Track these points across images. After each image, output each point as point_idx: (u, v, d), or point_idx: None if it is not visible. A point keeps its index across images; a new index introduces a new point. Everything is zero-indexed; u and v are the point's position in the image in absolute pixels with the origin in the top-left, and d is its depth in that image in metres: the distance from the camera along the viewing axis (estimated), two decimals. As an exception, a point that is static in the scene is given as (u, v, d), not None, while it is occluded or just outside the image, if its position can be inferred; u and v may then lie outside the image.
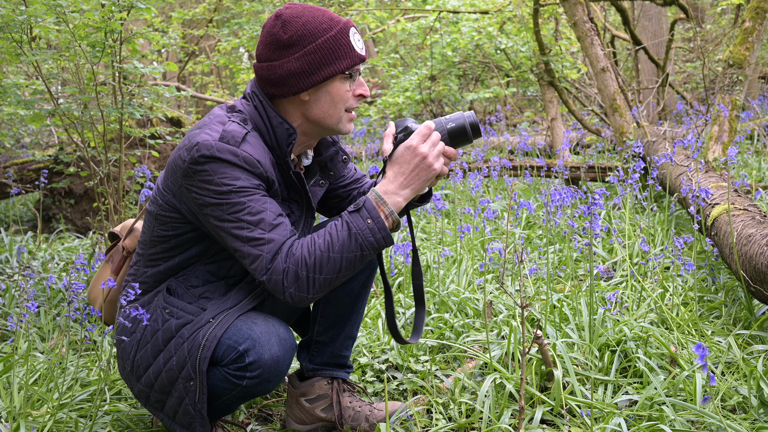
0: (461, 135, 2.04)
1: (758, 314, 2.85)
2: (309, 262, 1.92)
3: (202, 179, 1.93)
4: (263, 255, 1.92)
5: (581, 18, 6.12)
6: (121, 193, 4.38)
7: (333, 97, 2.04)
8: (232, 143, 1.93)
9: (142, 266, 2.16)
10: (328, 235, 1.94)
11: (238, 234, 1.93)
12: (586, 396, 2.39)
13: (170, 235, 2.09)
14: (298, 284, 1.92)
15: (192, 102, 14.27)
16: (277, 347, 1.99)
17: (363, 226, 1.94)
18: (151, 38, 4.23)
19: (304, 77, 1.99)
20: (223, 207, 1.93)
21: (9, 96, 4.36)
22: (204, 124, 2.01)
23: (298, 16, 1.99)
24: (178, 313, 2.06)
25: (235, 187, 1.92)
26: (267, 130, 2.03)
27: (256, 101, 2.05)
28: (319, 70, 1.99)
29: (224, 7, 9.94)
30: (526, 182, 6.23)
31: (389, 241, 1.96)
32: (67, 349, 2.79)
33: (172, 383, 2.04)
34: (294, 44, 1.98)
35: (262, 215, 1.93)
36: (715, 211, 3.30)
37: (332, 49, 1.99)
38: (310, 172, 2.23)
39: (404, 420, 2.38)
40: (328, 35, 1.99)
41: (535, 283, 3.60)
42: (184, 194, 2.00)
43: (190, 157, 1.93)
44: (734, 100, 5.18)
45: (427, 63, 10.77)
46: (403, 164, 1.99)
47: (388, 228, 1.97)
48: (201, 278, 2.10)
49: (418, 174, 1.99)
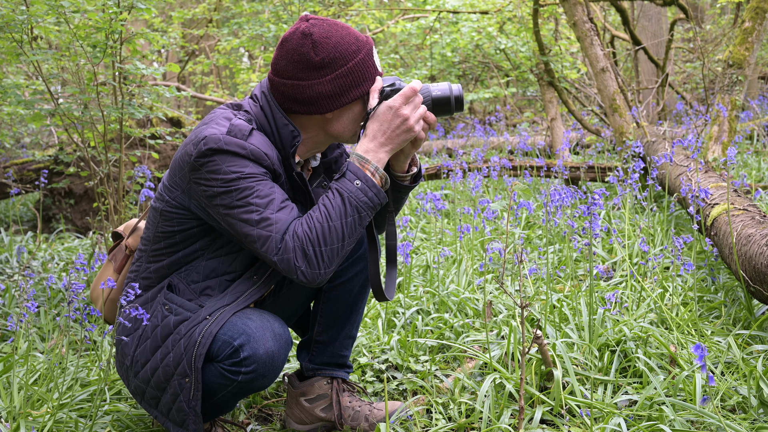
0: (444, 105, 2.08)
1: (758, 314, 2.85)
2: (311, 236, 1.94)
3: (209, 170, 1.95)
4: (272, 235, 1.94)
5: (581, 18, 6.12)
6: (121, 193, 4.38)
7: (355, 115, 2.08)
8: (239, 136, 1.96)
9: (145, 262, 2.17)
10: (323, 207, 1.97)
11: (248, 218, 1.94)
12: (585, 396, 2.39)
13: (175, 230, 2.10)
14: (308, 261, 1.94)
15: (192, 102, 14.28)
16: (272, 342, 2.00)
17: (353, 188, 1.97)
18: (151, 38, 4.23)
19: (334, 99, 2.02)
20: (231, 194, 1.95)
21: (9, 96, 4.36)
22: (210, 120, 2.03)
23: (327, 37, 2.00)
24: (177, 309, 2.07)
25: (243, 174, 1.94)
26: (272, 130, 2.05)
27: (264, 102, 2.07)
28: (349, 92, 2.03)
29: (224, 7, 9.94)
30: (525, 182, 6.23)
31: (381, 196, 2.00)
32: (67, 349, 2.80)
33: (168, 380, 2.05)
34: (326, 66, 2.00)
35: (270, 197, 1.96)
36: (715, 211, 3.30)
37: (362, 71, 2.03)
38: (315, 174, 2.25)
39: (404, 420, 2.38)
40: (358, 58, 2.02)
41: (535, 283, 3.60)
42: (193, 189, 2.01)
43: (197, 150, 1.95)
44: (734, 100, 5.18)
45: (427, 63, 10.77)
46: (383, 122, 2.01)
47: (378, 184, 2.00)
48: (202, 273, 2.12)
49: (398, 135, 2.02)
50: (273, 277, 2.14)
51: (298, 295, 2.35)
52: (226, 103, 2.13)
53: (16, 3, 3.88)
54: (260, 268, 2.12)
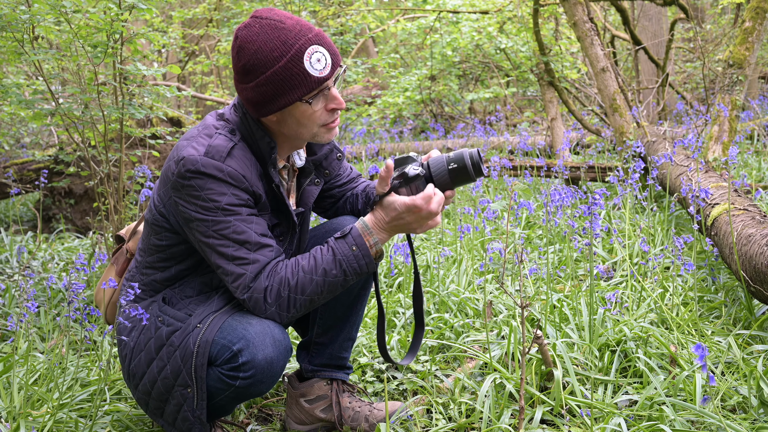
0: (462, 175, 2.04)
1: (758, 314, 2.85)
2: (292, 282, 1.97)
3: (188, 194, 1.95)
4: (246, 274, 1.95)
5: (581, 18, 6.12)
6: (121, 193, 4.38)
7: (299, 120, 2.01)
8: (217, 158, 1.94)
9: (139, 273, 2.17)
10: (312, 259, 1.99)
11: (223, 252, 1.96)
12: (586, 396, 2.39)
13: (164, 245, 2.11)
14: (279, 303, 1.97)
15: (192, 102, 14.27)
16: (271, 348, 1.99)
17: (348, 253, 1.99)
18: (151, 38, 4.23)
19: (262, 106, 1.98)
20: (208, 223, 1.95)
21: (10, 96, 4.36)
22: (192, 137, 2.01)
23: (251, 42, 1.93)
24: (169, 320, 2.07)
25: (221, 205, 1.94)
26: (252, 140, 2.04)
27: (240, 112, 2.06)
28: (274, 100, 1.95)
29: (224, 7, 9.93)
30: (526, 182, 6.23)
31: (372, 267, 2.03)
32: (67, 349, 2.80)
33: (169, 391, 2.05)
34: (248, 72, 1.95)
35: (246, 235, 1.96)
36: (715, 211, 3.30)
37: (283, 79, 1.92)
38: (305, 172, 2.23)
39: (404, 420, 2.38)
40: (277, 65, 1.91)
41: (535, 283, 3.60)
42: (173, 206, 2.02)
43: (177, 170, 1.96)
44: (734, 100, 5.18)
45: (427, 63, 10.77)
46: (405, 216, 2.01)
47: (372, 257, 2.02)
48: (196, 288, 2.12)
49: (416, 221, 2.03)
50: None
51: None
52: (217, 111, 2.12)
53: (18, 2, 3.88)
54: None
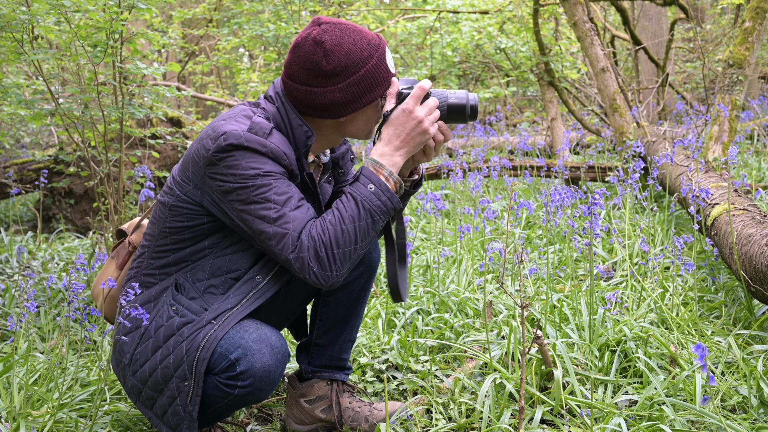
0: (460, 112, 2.09)
1: (758, 314, 2.85)
2: (324, 238, 1.95)
3: (227, 165, 1.95)
4: (289, 233, 1.94)
5: (581, 18, 6.12)
6: (121, 193, 4.38)
7: (369, 117, 2.09)
8: (260, 134, 1.96)
9: (148, 258, 2.15)
10: (336, 211, 1.98)
11: (265, 215, 1.95)
12: (586, 396, 2.39)
13: (184, 226, 2.09)
14: (320, 263, 1.95)
15: (192, 102, 14.28)
16: (268, 356, 1.98)
17: (366, 192, 1.98)
18: (151, 38, 4.23)
19: (346, 106, 2.03)
20: (249, 189, 1.95)
21: (10, 96, 4.36)
22: (229, 117, 2.03)
23: (339, 45, 1.99)
24: (182, 311, 2.05)
25: (262, 171, 1.95)
26: (287, 130, 2.06)
27: (278, 103, 2.07)
28: (362, 98, 2.03)
29: (224, 7, 9.94)
30: (526, 182, 6.23)
31: (395, 201, 2.01)
32: (67, 349, 2.80)
33: (166, 381, 2.03)
34: (337, 74, 2.00)
35: (288, 195, 1.97)
36: (715, 211, 3.30)
37: (374, 77, 2.02)
38: (323, 170, 2.25)
39: (404, 420, 2.38)
40: (370, 64, 2.01)
41: (535, 283, 3.60)
42: (207, 183, 2.01)
43: (216, 146, 1.95)
44: (734, 100, 5.18)
45: (427, 63, 10.77)
46: (398, 126, 2.02)
47: (392, 189, 2.01)
48: (207, 272, 2.10)
49: (413, 137, 2.02)
50: (277, 278, 2.11)
51: (295, 298, 2.35)
52: (245, 102, 2.13)
53: (18, 2, 3.88)
54: (263, 268, 2.10)
